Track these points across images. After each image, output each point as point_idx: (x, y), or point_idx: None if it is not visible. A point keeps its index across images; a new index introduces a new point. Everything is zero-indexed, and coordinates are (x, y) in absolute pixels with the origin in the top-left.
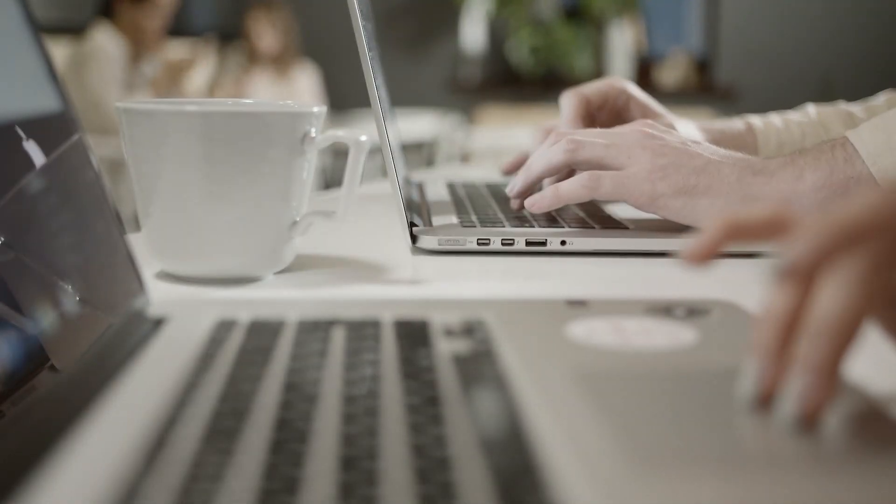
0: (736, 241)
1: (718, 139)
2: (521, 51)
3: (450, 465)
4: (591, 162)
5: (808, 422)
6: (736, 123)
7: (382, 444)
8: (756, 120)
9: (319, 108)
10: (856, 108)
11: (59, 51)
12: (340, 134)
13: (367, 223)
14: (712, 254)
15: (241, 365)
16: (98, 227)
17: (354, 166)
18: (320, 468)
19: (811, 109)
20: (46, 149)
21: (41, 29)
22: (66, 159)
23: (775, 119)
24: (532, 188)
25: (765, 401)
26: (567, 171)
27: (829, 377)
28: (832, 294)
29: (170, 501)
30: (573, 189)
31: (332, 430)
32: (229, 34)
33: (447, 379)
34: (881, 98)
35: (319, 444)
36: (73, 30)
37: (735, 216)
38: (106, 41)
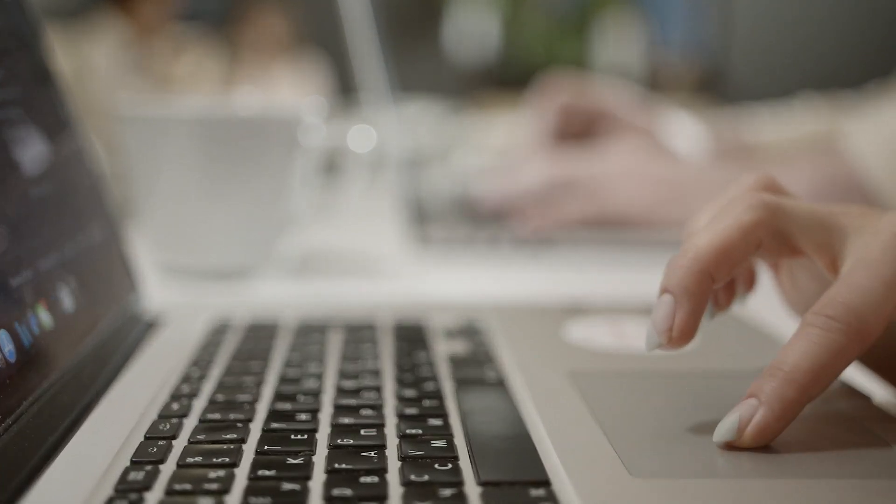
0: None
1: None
2: (520, 46)
3: (446, 466)
4: (584, 185)
5: (736, 443)
6: (735, 143)
7: (378, 445)
8: (757, 138)
9: (318, 111)
10: (848, 114)
11: (55, 38)
12: (340, 138)
13: (367, 223)
14: (693, 333)
15: (237, 366)
16: (96, 228)
17: (354, 168)
18: (315, 468)
19: (809, 127)
20: (45, 148)
21: (41, 22)
22: (66, 159)
23: (777, 138)
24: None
25: (672, 345)
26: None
27: (782, 421)
28: (808, 349)
29: (163, 501)
30: (572, 215)
31: (328, 430)
32: (233, 18)
33: (444, 380)
34: (872, 89)
35: (315, 444)
36: (70, 14)
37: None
38: (98, 55)
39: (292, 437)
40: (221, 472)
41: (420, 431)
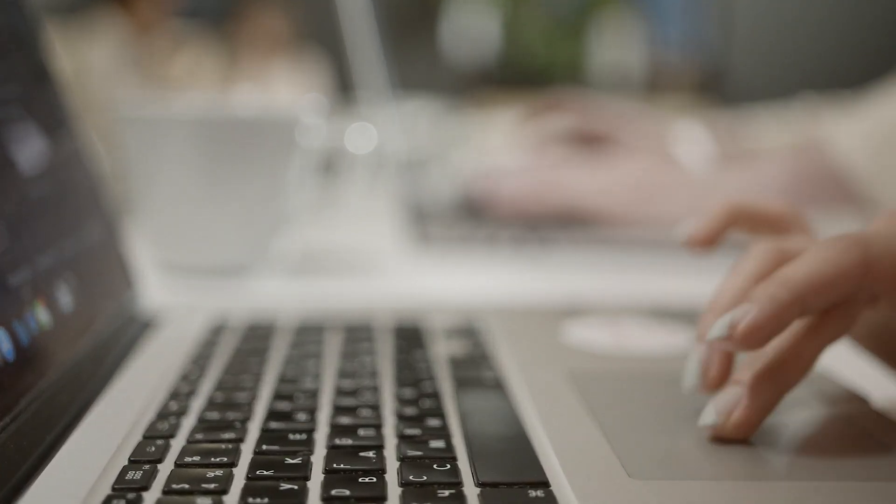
0: (737, 227)
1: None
2: (519, 46)
3: (445, 466)
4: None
5: (721, 435)
6: (734, 147)
7: (377, 445)
8: (757, 143)
9: (318, 110)
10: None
11: (54, 36)
12: (339, 137)
13: (366, 222)
14: (715, 238)
15: (235, 365)
16: (95, 226)
17: (353, 167)
18: (314, 469)
19: (807, 133)
20: (44, 146)
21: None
22: (65, 158)
23: (776, 144)
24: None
25: (707, 390)
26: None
27: (761, 407)
28: (790, 334)
29: (161, 500)
30: (545, 207)
31: (327, 430)
32: (232, 16)
33: (443, 380)
34: (871, 89)
35: (313, 444)
36: (69, 12)
37: (740, 201)
38: (97, 53)
39: (290, 436)
40: (220, 472)
41: (419, 432)
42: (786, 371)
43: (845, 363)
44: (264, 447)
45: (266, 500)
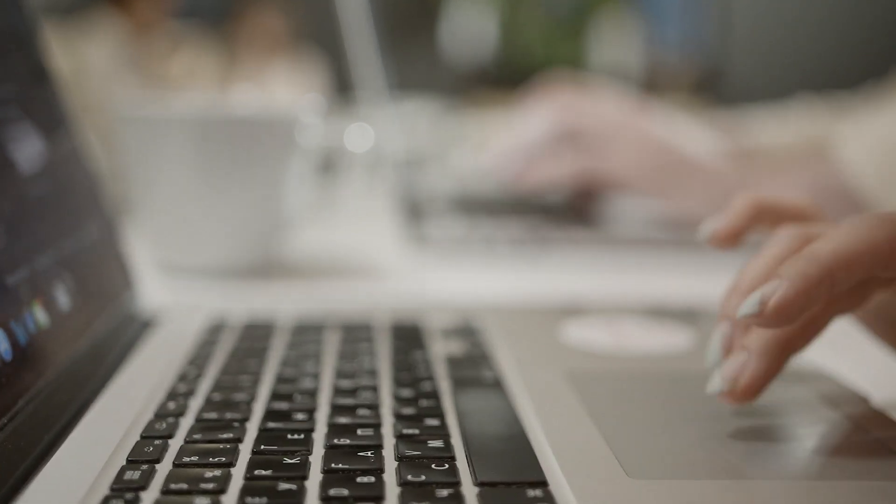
0: (762, 224)
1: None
2: (517, 45)
3: (443, 466)
4: (588, 138)
5: (732, 400)
6: (733, 148)
7: (375, 445)
8: (755, 141)
9: (316, 110)
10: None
11: (52, 36)
12: (337, 137)
13: (364, 222)
14: (740, 235)
15: (233, 365)
16: (93, 226)
17: (351, 167)
18: (312, 468)
19: (807, 131)
20: (42, 146)
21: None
22: (63, 158)
23: (774, 142)
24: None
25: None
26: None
27: (767, 370)
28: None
29: (159, 500)
30: (566, 169)
31: (325, 430)
32: (230, 16)
33: (441, 380)
34: (868, 90)
35: (311, 444)
36: (66, 12)
37: (762, 197)
38: (94, 53)
39: (289, 436)
40: (218, 472)
41: (417, 431)
42: (795, 338)
43: (845, 363)
44: (262, 447)
45: (264, 499)
